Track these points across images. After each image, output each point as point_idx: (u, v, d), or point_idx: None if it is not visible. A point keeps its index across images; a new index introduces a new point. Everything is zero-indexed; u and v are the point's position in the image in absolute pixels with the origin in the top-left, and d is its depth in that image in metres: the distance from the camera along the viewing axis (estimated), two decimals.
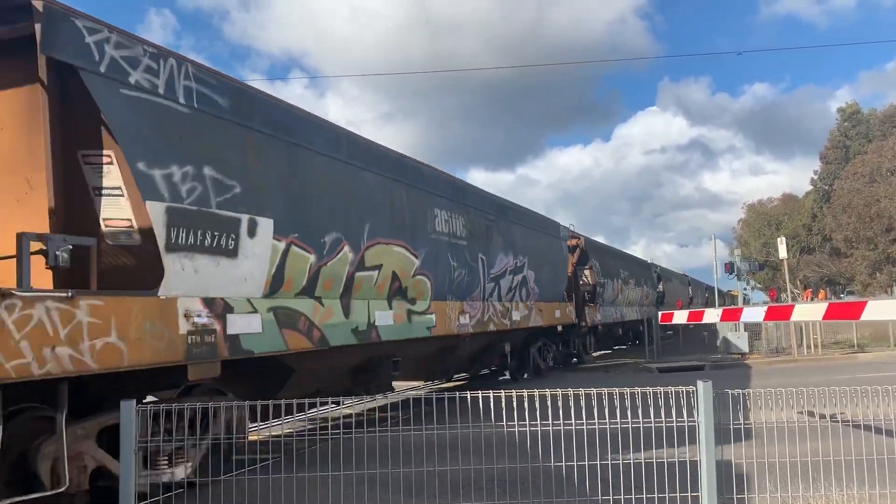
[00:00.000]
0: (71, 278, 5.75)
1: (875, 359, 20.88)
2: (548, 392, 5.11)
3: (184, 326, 6.39)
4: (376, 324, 9.62)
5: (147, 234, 6.20)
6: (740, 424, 5.46)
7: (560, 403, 5.07)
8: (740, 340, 23.59)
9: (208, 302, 6.73)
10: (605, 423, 5.07)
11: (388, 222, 10.14)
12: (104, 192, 6.20)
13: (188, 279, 6.50)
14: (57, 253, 5.50)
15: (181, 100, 6.64)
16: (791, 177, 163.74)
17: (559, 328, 18.89)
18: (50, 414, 5.60)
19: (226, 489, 6.56)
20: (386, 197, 10.22)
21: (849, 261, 53.88)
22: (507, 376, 17.74)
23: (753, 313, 13.72)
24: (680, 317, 20.00)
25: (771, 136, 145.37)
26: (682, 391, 5.08)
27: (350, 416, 12.15)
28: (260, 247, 7.40)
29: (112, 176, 6.15)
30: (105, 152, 6.12)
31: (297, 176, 8.23)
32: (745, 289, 46.41)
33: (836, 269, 57.97)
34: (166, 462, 6.39)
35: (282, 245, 7.75)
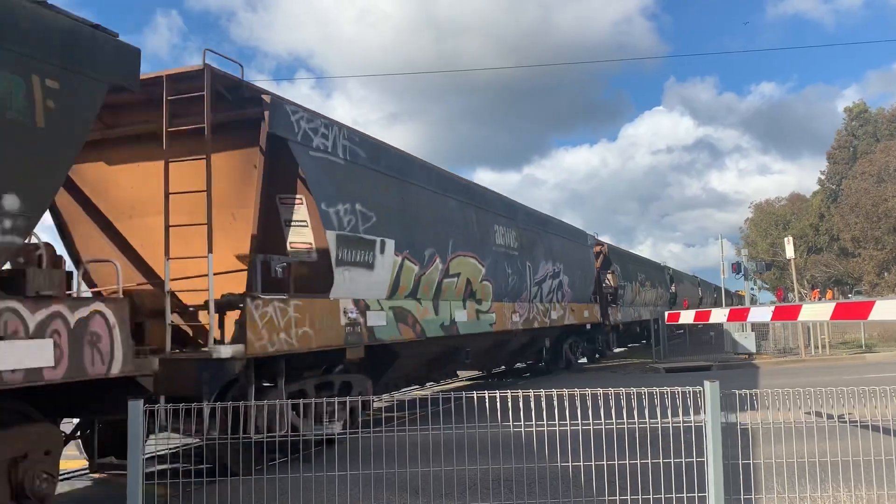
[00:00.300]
0: (266, 285, 7.81)
1: (883, 359, 20.79)
2: (554, 392, 5.11)
3: (343, 320, 8.85)
4: (455, 320, 12.03)
5: (323, 253, 8.64)
6: (747, 424, 5.45)
7: (567, 404, 5.07)
8: (747, 341, 23.52)
9: (356, 302, 9.20)
10: (612, 424, 5.07)
11: (464, 238, 12.53)
12: (293, 223, 8.68)
13: (346, 285, 8.98)
14: (277, 268, 8.04)
15: (340, 154, 9.15)
16: (798, 176, 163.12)
17: (587, 326, 21.07)
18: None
19: (233, 487, 6.58)
20: (462, 217, 12.69)
21: (856, 261, 53.66)
22: (543, 366, 20.02)
23: (760, 313, 13.67)
24: (686, 317, 19.95)
25: (778, 135, 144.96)
26: (690, 391, 5.07)
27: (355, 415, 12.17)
28: (386, 261, 9.87)
29: (301, 212, 8.64)
30: (297, 196, 8.61)
31: (407, 204, 10.73)
32: (752, 289, 46.30)
33: (844, 269, 57.73)
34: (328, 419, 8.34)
35: (399, 259, 10.16)
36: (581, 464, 5.26)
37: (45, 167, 5.23)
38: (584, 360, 22.14)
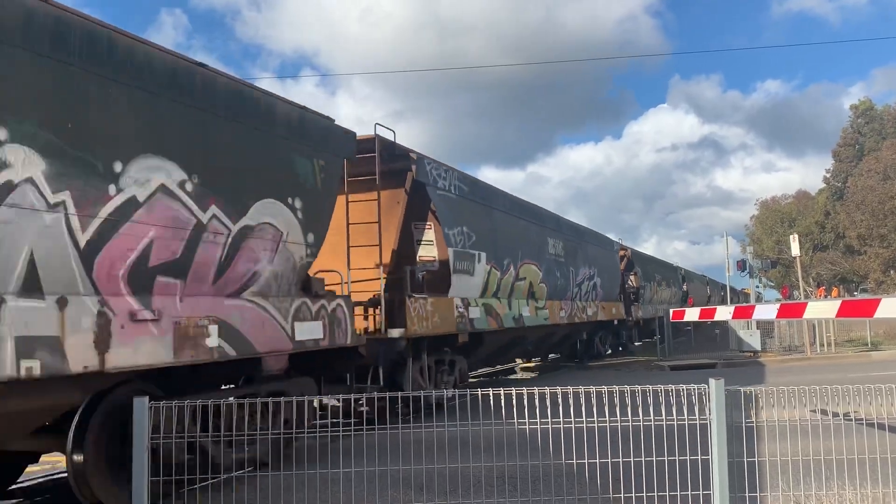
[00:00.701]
0: (401, 287, 10.77)
1: (889, 357, 20.72)
2: (559, 390, 5.11)
3: (455, 313, 12.08)
4: (522, 315, 15.21)
5: (444, 263, 11.95)
6: (752, 422, 5.45)
7: (571, 401, 5.07)
8: (753, 338, 23.46)
9: (463, 300, 12.43)
10: (617, 421, 5.07)
11: (528, 249, 15.88)
12: (423, 242, 12.12)
13: (457, 287, 12.16)
14: (419, 275, 11.32)
15: (453, 191, 12.53)
16: (803, 174, 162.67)
17: (615, 322, 24.07)
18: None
19: (238, 486, 6.60)
20: (527, 233, 16.09)
21: (862, 258, 53.54)
22: (580, 353, 23.01)
23: (766, 311, 13.66)
24: (691, 314, 19.94)
25: (783, 133, 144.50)
26: (694, 389, 5.07)
27: (361, 413, 12.19)
28: (481, 269, 13.12)
29: (429, 234, 12.07)
30: (427, 223, 12.08)
31: (493, 225, 14.08)
32: (757, 286, 46.22)
33: (850, 267, 57.60)
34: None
35: (488, 267, 13.42)
36: (586, 461, 5.26)
37: (322, 214, 8.37)
38: (610, 351, 25.39)
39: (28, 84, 5.04)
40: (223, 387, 7.79)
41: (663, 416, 5.08)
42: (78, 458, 5.77)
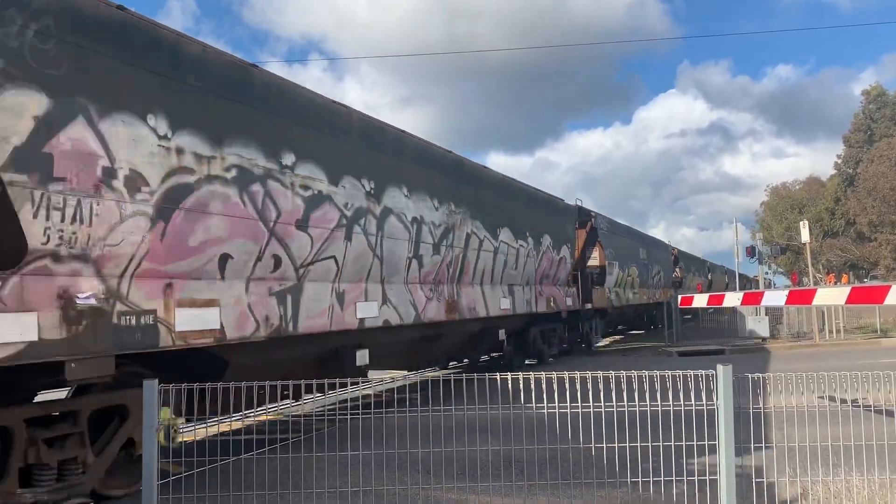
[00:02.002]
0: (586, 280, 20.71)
1: None
2: (566, 375, 5.12)
3: (606, 295, 21.79)
4: (630, 297, 25.25)
5: (602, 267, 21.65)
6: (760, 408, 5.44)
7: (578, 386, 5.08)
8: (761, 325, 23.42)
9: (609, 289, 22.16)
10: (624, 406, 5.07)
11: (634, 258, 26.13)
12: (590, 258, 21.43)
13: (608, 280, 22.09)
14: (591, 273, 21.17)
15: (605, 229, 22.51)
16: (813, 160, 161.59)
17: (668, 302, 29.96)
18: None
19: (246, 467, 6.65)
20: (633, 248, 26.51)
21: (873, 245, 53.23)
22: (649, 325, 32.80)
23: (775, 297, 13.62)
24: (700, 300, 19.89)
25: (792, 119, 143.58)
26: (703, 375, 5.06)
27: (369, 396, 12.24)
28: (615, 271, 22.95)
29: (596, 254, 21.66)
30: (595, 247, 21.70)
31: (629, 247, 25.87)
32: (766, 273, 46.10)
33: (860, 254, 57.27)
34: None
35: (618, 270, 23.21)
36: (592, 446, 5.27)
37: (573, 247, 20.06)
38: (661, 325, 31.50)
39: (355, 158, 9.20)
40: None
41: (671, 402, 5.08)
42: None
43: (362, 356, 9.59)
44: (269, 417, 9.26)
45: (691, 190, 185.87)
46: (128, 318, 5.81)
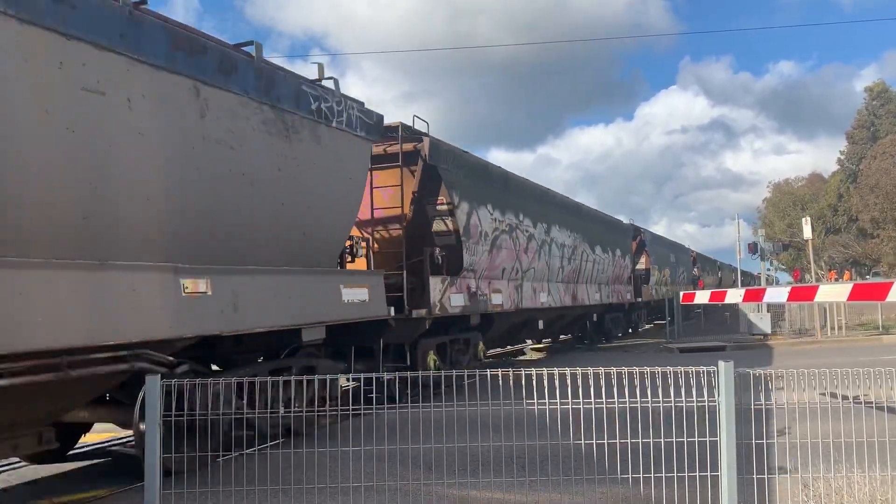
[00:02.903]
0: (638, 280, 28.38)
1: None
2: (568, 371, 5.12)
3: (651, 291, 29.08)
4: (662, 291, 29.64)
5: (647, 270, 29.49)
6: (761, 405, 5.45)
7: (580, 382, 5.08)
8: (763, 321, 23.41)
9: (652, 286, 29.53)
10: (626, 402, 5.08)
11: (668, 261, 33.35)
12: (639, 262, 28.55)
13: (651, 281, 29.68)
14: (640, 275, 27.95)
15: (648, 241, 29.93)
16: (815, 157, 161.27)
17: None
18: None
19: (248, 463, 6.66)
20: (667, 254, 33.58)
21: (875, 242, 53.10)
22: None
23: (776, 294, 13.58)
24: (701, 297, 19.85)
25: (794, 115, 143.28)
26: (704, 371, 5.07)
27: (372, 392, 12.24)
28: (656, 272, 30.01)
29: (643, 260, 28.63)
30: (643, 256, 28.68)
31: (659, 252, 31.43)
32: (768, 269, 46.05)
33: (862, 250, 57.16)
34: None
35: (658, 272, 30.24)
36: (594, 442, 5.28)
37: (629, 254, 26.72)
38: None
39: (540, 211, 16.94)
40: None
41: (672, 398, 5.09)
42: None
43: (541, 323, 18.05)
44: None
45: (693, 186, 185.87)
46: (483, 296, 13.42)
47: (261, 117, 7.34)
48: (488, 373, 5.49)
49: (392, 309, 9.88)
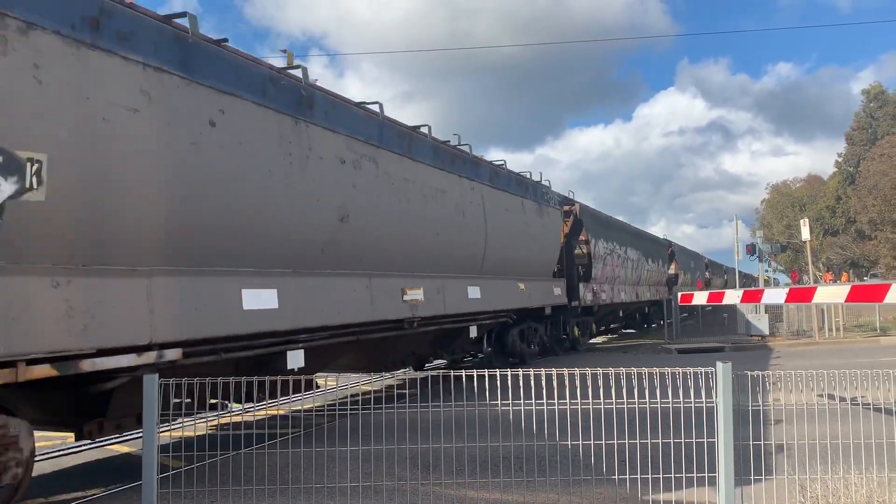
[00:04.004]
0: (670, 282, 36.55)
1: None
2: (566, 371, 5.12)
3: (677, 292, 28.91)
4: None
5: (676, 274, 36.22)
6: (759, 406, 5.45)
7: (578, 383, 5.08)
8: (761, 323, 23.43)
9: (677, 287, 36.39)
10: (623, 403, 5.08)
11: (690, 266, 42.84)
12: (670, 268, 35.09)
13: (678, 282, 37.26)
14: (671, 278, 35.64)
15: (677, 249, 38.58)
16: (812, 158, 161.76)
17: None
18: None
19: (246, 462, 6.66)
20: (689, 261, 42.66)
21: (873, 243, 53.19)
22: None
23: (775, 295, 13.60)
24: (700, 298, 19.87)
25: (791, 117, 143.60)
26: (702, 372, 5.07)
27: (368, 392, 12.25)
28: (682, 276, 38.03)
29: (673, 266, 35.65)
30: (672, 264, 35.74)
31: (684, 260, 39.94)
32: (766, 270, 46.12)
33: (860, 252, 57.25)
34: None
35: (683, 275, 38.24)
36: (591, 443, 5.28)
37: (664, 264, 37.09)
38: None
39: (629, 240, 26.33)
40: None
41: (670, 399, 5.09)
42: None
43: (621, 313, 26.75)
44: (268, 413, 9.27)
45: (691, 187, 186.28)
46: (598, 294, 21.39)
47: (533, 207, 15.96)
48: (486, 373, 5.48)
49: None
